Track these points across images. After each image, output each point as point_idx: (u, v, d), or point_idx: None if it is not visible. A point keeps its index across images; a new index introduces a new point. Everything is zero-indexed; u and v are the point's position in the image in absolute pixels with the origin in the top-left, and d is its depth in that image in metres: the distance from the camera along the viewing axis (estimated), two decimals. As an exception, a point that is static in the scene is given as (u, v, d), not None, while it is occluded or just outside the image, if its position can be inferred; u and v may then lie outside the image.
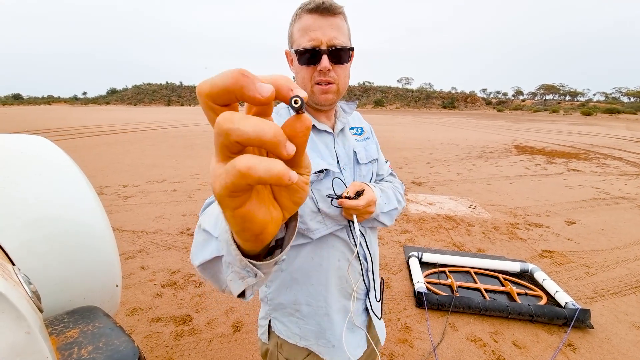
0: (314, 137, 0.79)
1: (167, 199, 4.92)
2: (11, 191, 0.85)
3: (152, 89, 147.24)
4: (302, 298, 0.80)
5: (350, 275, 0.81)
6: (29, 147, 0.96)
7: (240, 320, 2.21)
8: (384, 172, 0.98)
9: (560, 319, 2.17)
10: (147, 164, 7.52)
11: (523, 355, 1.95)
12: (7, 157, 0.89)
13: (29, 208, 0.84)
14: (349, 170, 0.82)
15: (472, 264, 2.88)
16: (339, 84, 0.74)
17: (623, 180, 6.65)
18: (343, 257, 0.80)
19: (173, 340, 2.02)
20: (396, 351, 1.97)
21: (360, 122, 0.96)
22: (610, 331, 2.20)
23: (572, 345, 2.05)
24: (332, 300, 0.80)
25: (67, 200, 0.93)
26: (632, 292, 2.68)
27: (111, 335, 0.68)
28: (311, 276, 0.79)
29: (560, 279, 2.80)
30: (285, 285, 0.81)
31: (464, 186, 5.97)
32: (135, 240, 3.42)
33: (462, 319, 2.27)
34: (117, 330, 0.70)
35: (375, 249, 0.90)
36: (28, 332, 0.47)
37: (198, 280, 2.70)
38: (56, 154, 0.99)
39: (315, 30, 0.69)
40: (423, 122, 27.32)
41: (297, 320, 0.81)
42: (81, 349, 0.62)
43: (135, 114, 37.91)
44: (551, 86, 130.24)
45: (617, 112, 57.63)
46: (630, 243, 3.60)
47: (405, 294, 2.55)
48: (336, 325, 0.80)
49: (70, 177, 0.97)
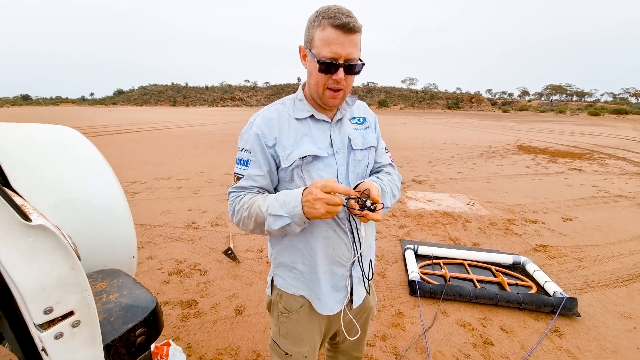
0: (311, 125, 0.93)
1: (174, 195, 5.09)
2: (48, 174, 0.99)
3: (158, 89, 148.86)
4: (298, 259, 0.97)
5: (337, 245, 0.95)
6: (61, 137, 1.11)
7: (243, 305, 2.34)
8: (383, 160, 1.10)
9: (547, 307, 2.26)
10: (154, 162, 7.72)
11: (510, 339, 2.05)
12: (42, 145, 1.04)
13: (64, 189, 0.99)
14: (342, 155, 0.94)
15: (466, 256, 2.98)
16: (346, 90, 0.88)
17: (624, 179, 6.67)
18: (331, 229, 0.94)
19: (180, 322, 2.16)
20: (388, 334, 2.08)
21: (365, 112, 1.07)
22: (598, 320, 2.29)
23: (558, 331, 2.14)
24: (319, 264, 0.95)
25: (95, 184, 1.08)
26: (623, 285, 2.75)
27: (133, 288, 0.81)
28: (305, 242, 0.95)
29: (551, 271, 2.89)
30: (285, 248, 0.98)
31: (464, 184, 6.05)
32: (143, 233, 3.57)
33: (453, 306, 2.38)
34: (138, 285, 0.84)
35: (369, 233, 1.03)
36: (73, 268, 0.60)
37: (203, 269, 2.84)
38: (84, 143, 1.13)
39: (337, 45, 0.79)
40: (427, 123, 27.30)
41: (295, 275, 0.99)
42: (109, 295, 0.76)
43: (141, 114, 38.45)
44: (558, 86, 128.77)
45: (624, 113, 56.84)
46: (625, 239, 3.66)
47: (400, 284, 2.66)
48: (322, 283, 0.96)
49: (97, 164, 1.12)
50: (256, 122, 0.91)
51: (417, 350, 1.95)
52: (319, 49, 0.81)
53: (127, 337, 0.68)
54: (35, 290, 0.56)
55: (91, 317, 0.62)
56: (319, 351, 1.12)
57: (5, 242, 0.52)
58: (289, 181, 0.92)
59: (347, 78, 0.85)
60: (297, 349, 1.02)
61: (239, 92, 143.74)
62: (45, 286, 0.57)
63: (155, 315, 0.74)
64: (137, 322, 0.70)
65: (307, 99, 0.95)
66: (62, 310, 0.59)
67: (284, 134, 0.90)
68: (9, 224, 0.52)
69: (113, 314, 0.71)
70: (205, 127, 18.60)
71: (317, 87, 0.87)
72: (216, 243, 3.37)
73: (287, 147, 0.89)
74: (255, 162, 0.90)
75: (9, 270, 0.53)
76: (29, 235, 0.54)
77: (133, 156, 8.56)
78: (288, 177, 0.91)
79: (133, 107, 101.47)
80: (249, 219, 0.87)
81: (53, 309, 0.58)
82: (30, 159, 0.99)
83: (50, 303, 0.58)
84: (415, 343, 2.00)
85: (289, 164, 0.88)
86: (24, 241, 0.54)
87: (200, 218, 4.07)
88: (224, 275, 2.74)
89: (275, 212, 0.81)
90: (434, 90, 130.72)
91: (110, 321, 0.69)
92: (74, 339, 0.61)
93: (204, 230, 3.69)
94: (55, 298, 0.58)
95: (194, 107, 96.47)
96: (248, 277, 2.72)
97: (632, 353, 1.98)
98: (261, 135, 0.89)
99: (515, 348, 1.98)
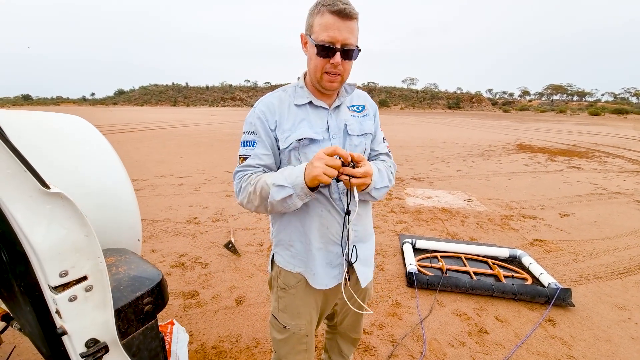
0: (310, 111, 0.99)
1: (175, 191, 5.14)
2: (59, 160, 1.04)
3: (159, 89, 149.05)
4: (295, 236, 1.03)
5: (330, 224, 1.00)
6: (71, 125, 1.16)
7: (243, 296, 2.39)
8: (380, 149, 1.14)
9: (542, 297, 2.30)
10: (155, 160, 7.78)
11: (504, 328, 2.10)
12: (54, 132, 1.09)
13: (75, 174, 1.04)
14: (338, 139, 1.00)
15: (463, 250, 3.03)
16: (343, 75, 0.93)
17: (622, 177, 6.70)
18: (325, 209, 0.99)
19: (182, 311, 2.20)
20: (386, 323, 2.12)
21: (365, 101, 1.12)
22: (592, 310, 2.33)
23: (552, 320, 2.19)
24: (314, 241, 1.01)
25: (103, 170, 1.13)
26: (618, 277, 2.80)
27: (140, 263, 0.86)
28: (300, 221, 1.00)
29: (547, 265, 2.93)
30: (283, 226, 1.05)
31: (463, 182, 6.09)
32: (145, 228, 3.62)
33: (450, 297, 2.42)
34: (144, 261, 0.89)
35: (364, 217, 1.08)
36: (87, 236, 0.65)
37: (204, 261, 2.89)
38: (93, 131, 1.18)
39: (334, 30, 0.85)
40: (427, 122, 27.34)
41: (291, 253, 1.05)
42: (118, 267, 0.80)
43: (142, 114, 38.55)
44: (558, 86, 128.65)
45: (625, 113, 56.77)
46: (621, 234, 3.70)
47: (397, 276, 2.71)
48: (317, 260, 1.02)
49: (106, 152, 1.17)
50: (259, 107, 0.98)
51: (413, 338, 1.99)
52: (318, 33, 0.86)
53: (136, 304, 0.73)
54: (52, 253, 0.61)
55: (103, 283, 0.67)
56: (315, 329, 1.17)
57: (25, 206, 0.57)
58: (286, 163, 0.97)
59: (344, 63, 0.90)
60: (294, 322, 1.08)
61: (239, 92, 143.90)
62: (61, 250, 0.61)
63: (161, 287, 0.79)
64: (145, 292, 0.75)
65: (307, 87, 1.00)
66: (77, 274, 0.64)
67: (284, 118, 0.96)
68: (29, 190, 0.56)
69: (122, 283, 0.75)
70: (206, 127, 18.67)
71: (315, 72, 0.92)
72: (217, 237, 3.41)
73: (286, 130, 0.95)
74: (260, 142, 0.96)
75: (27, 233, 0.58)
76: (48, 202, 0.59)
77: (134, 154, 8.62)
78: (286, 158, 0.97)
79: (134, 107, 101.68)
80: (254, 194, 0.91)
81: (68, 273, 0.63)
82: (42, 145, 1.04)
83: (66, 267, 0.63)
84: (411, 331, 2.05)
85: (287, 146, 0.94)
86: (42, 207, 0.58)
87: (201, 214, 4.12)
88: (225, 268, 2.79)
89: (279, 183, 0.86)
90: (434, 90, 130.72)
91: (120, 289, 0.74)
92: (87, 302, 0.66)
93: (205, 225, 3.74)
94: (71, 262, 0.63)
95: (195, 107, 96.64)
96: (249, 270, 2.77)
97: (626, 342, 2.02)
98: (264, 118, 0.96)
99: (509, 336, 2.02)
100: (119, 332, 0.69)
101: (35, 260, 0.61)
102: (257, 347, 1.90)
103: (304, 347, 1.12)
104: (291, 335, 1.09)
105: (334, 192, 0.98)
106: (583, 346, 1.97)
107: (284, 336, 1.10)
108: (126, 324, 0.71)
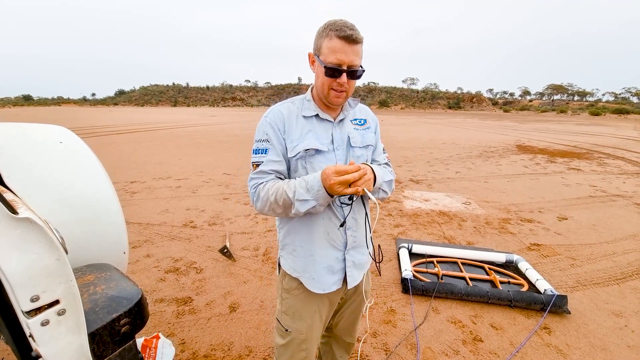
0: (316, 123, 1.05)
1: (172, 194, 5.13)
2: (42, 172, 1.03)
3: (159, 90, 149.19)
4: (298, 242, 1.09)
5: (331, 230, 1.06)
6: (54, 136, 1.14)
7: (237, 302, 2.38)
8: (380, 159, 1.20)
9: (537, 304, 2.29)
10: (154, 162, 7.77)
11: (499, 336, 2.08)
12: (36, 144, 1.07)
13: (57, 186, 1.02)
14: (342, 150, 1.07)
15: (459, 255, 3.01)
16: (348, 92, 1.01)
17: (622, 179, 6.68)
18: (327, 217, 1.04)
19: (175, 318, 2.19)
20: (380, 330, 2.11)
21: (367, 115, 1.19)
22: (588, 317, 2.31)
23: (547, 328, 2.17)
24: (317, 247, 1.07)
25: (87, 181, 1.12)
26: (616, 283, 2.78)
27: (120, 280, 0.85)
28: (305, 227, 1.06)
29: (544, 270, 2.91)
30: (289, 232, 1.11)
31: (461, 184, 6.07)
32: (141, 232, 3.62)
33: (445, 303, 2.40)
34: (125, 278, 0.87)
35: (361, 223, 1.13)
36: (58, 259, 0.64)
37: (199, 267, 2.88)
38: (77, 142, 1.17)
39: (341, 54, 0.92)
40: (427, 122, 27.30)
41: (294, 258, 1.11)
42: (96, 287, 0.79)
43: (142, 114, 38.59)
44: (559, 86, 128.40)
45: (626, 113, 56.63)
46: (620, 238, 3.68)
47: (393, 282, 2.69)
48: (318, 264, 1.08)
49: (90, 162, 1.15)
50: (269, 116, 1.04)
51: (407, 346, 1.98)
52: (326, 56, 0.94)
53: (112, 326, 0.71)
54: (23, 278, 0.59)
55: (76, 306, 0.65)
56: (318, 336, 1.20)
57: (-7, 233, 0.55)
58: (294, 170, 1.03)
59: (349, 82, 0.97)
60: (295, 325, 1.13)
61: (239, 92, 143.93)
62: (31, 275, 0.60)
63: (140, 306, 0.78)
64: (122, 312, 0.73)
65: (314, 100, 1.07)
66: (48, 298, 0.63)
67: (292, 128, 1.02)
68: (-4, 217, 0.55)
69: (98, 304, 0.74)
70: (206, 127, 18.67)
71: (322, 89, 1.00)
72: (213, 242, 3.40)
73: (294, 140, 1.01)
74: (272, 149, 1.01)
75: (-3, 259, 0.57)
76: (16, 227, 0.58)
77: (133, 156, 8.61)
78: (293, 166, 1.03)
79: (134, 107, 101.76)
80: (276, 204, 0.96)
81: (39, 297, 0.62)
82: (24, 158, 1.03)
83: (37, 291, 0.61)
84: (405, 339, 2.03)
85: (294, 155, 1.00)
86: (11, 232, 0.57)
87: (197, 217, 4.11)
88: (220, 273, 2.78)
89: (303, 198, 0.93)
90: (435, 90, 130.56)
91: (96, 311, 0.72)
92: (60, 326, 0.65)
93: (201, 229, 3.73)
94: (42, 287, 0.62)
95: (195, 107, 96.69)
96: (243, 275, 2.76)
97: (622, 350, 2.00)
98: (275, 126, 1.02)
99: (504, 344, 2.01)
100: (94, 355, 0.68)
101: (8, 285, 0.60)
102: (249, 355, 1.88)
103: (303, 354, 1.16)
104: (292, 340, 1.14)
105: (337, 199, 1.04)
106: (578, 355, 1.95)
107: (285, 341, 1.15)
108: (102, 346, 0.70)
